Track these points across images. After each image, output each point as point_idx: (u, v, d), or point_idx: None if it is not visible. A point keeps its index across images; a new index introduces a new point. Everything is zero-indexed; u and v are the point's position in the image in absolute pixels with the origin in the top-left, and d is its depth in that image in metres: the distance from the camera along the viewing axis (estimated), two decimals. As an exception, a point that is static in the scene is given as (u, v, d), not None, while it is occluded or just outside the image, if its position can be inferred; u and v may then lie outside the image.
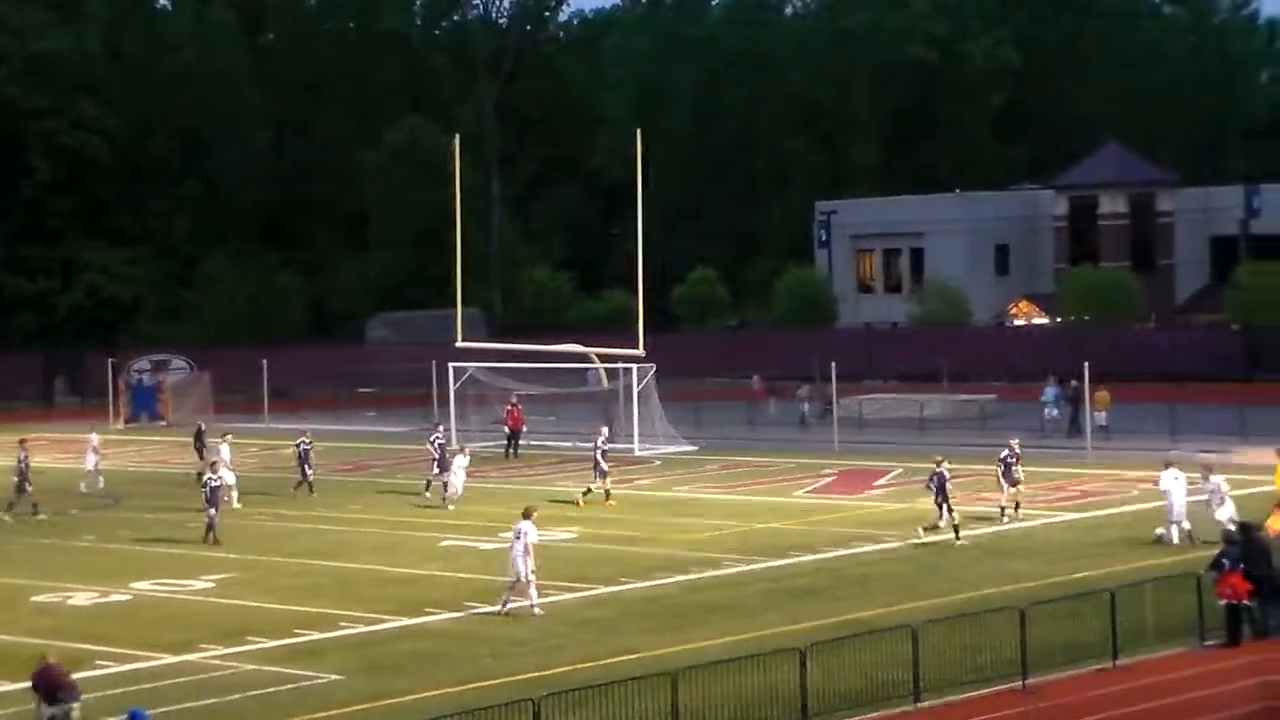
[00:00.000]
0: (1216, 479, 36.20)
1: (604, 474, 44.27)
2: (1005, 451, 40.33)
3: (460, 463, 44.89)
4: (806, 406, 64.25)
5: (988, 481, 46.92)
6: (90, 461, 49.81)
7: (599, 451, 44.63)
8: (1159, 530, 36.50)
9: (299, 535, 40.93)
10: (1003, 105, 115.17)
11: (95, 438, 51.23)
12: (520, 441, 56.17)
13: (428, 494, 46.09)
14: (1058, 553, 35.71)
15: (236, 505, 44.74)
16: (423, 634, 29.62)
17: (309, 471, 47.57)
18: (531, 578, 30.58)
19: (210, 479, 39.91)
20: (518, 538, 30.74)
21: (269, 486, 49.15)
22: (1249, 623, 27.19)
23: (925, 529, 37.23)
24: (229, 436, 50.09)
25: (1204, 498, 36.19)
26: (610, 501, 43.67)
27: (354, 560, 37.09)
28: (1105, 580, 29.74)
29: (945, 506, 37.37)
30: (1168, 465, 37.08)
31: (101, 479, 49.42)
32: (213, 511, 39.38)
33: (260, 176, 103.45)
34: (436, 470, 45.95)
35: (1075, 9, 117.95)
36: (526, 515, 31.20)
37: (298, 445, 48.05)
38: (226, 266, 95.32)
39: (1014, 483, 40.04)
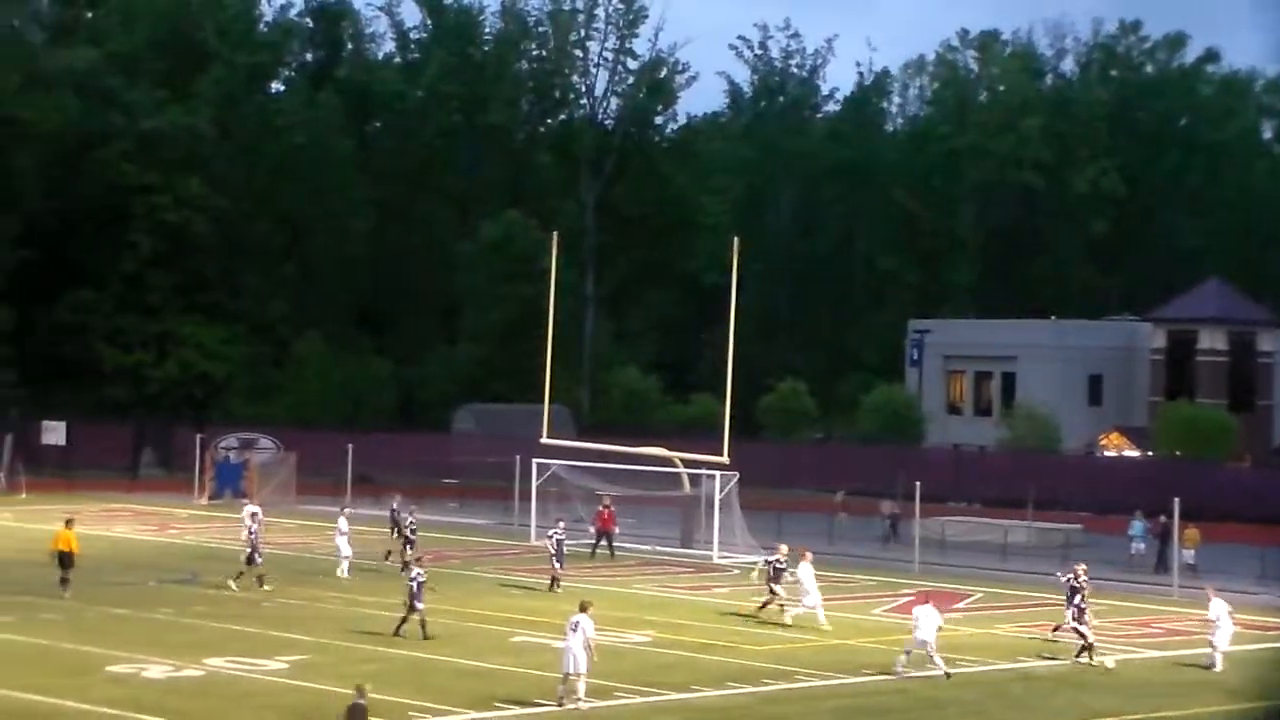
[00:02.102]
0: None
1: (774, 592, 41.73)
2: (1069, 576, 39.81)
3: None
4: (889, 522, 63.95)
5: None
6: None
7: (771, 568, 42.27)
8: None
9: (374, 620, 40.82)
10: (1104, 234, 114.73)
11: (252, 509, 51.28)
12: (614, 543, 55.98)
13: (557, 589, 46.00)
14: (1138, 690, 35.09)
15: (344, 576, 46.48)
16: (491, 729, 29.41)
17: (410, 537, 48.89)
18: (584, 671, 30.43)
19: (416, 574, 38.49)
20: (573, 630, 30.71)
21: (354, 571, 49.06)
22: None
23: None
24: (348, 510, 51.01)
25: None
26: (787, 617, 41.41)
27: (427, 650, 36.92)
28: (1187, 721, 29.19)
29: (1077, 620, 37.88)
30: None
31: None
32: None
33: (357, 262, 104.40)
34: (557, 565, 46.04)
35: (1184, 143, 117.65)
36: (583, 609, 31.31)
37: (398, 514, 49.17)
38: (318, 349, 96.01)
39: (1080, 612, 39.12)
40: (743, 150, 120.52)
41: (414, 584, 37.67)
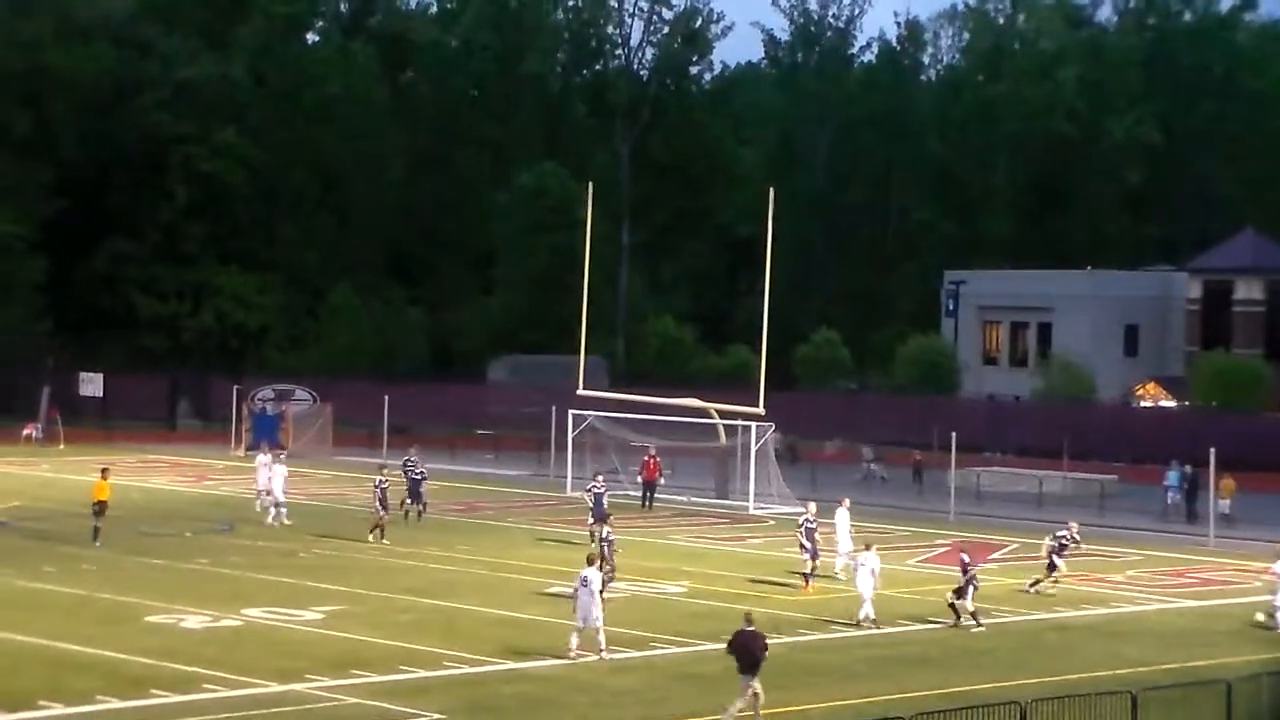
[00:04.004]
0: None
1: (812, 554, 39.92)
2: (1064, 532, 39.91)
3: (280, 470, 48.76)
4: (872, 467, 64.28)
5: (1105, 563, 46.38)
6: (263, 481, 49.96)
7: (803, 530, 40.09)
8: (1259, 615, 36.14)
9: (408, 572, 41.07)
10: (1140, 184, 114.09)
11: (266, 457, 51.68)
12: (655, 493, 56.16)
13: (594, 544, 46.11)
14: (1173, 639, 35.07)
15: (274, 524, 47.44)
16: (526, 678, 29.57)
17: (415, 501, 48.89)
18: (600, 624, 30.59)
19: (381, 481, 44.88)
20: (584, 584, 30.75)
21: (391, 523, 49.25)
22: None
23: None
24: (282, 456, 52.64)
25: None
26: (808, 589, 39.56)
27: (460, 600, 37.13)
28: (1221, 670, 29.12)
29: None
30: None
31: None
32: (383, 513, 44.69)
33: (392, 211, 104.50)
34: (592, 520, 45.87)
35: (1220, 91, 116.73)
36: (591, 563, 31.47)
37: (404, 468, 48.98)
38: (353, 299, 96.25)
39: (1053, 567, 39.71)
40: (778, 100, 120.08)
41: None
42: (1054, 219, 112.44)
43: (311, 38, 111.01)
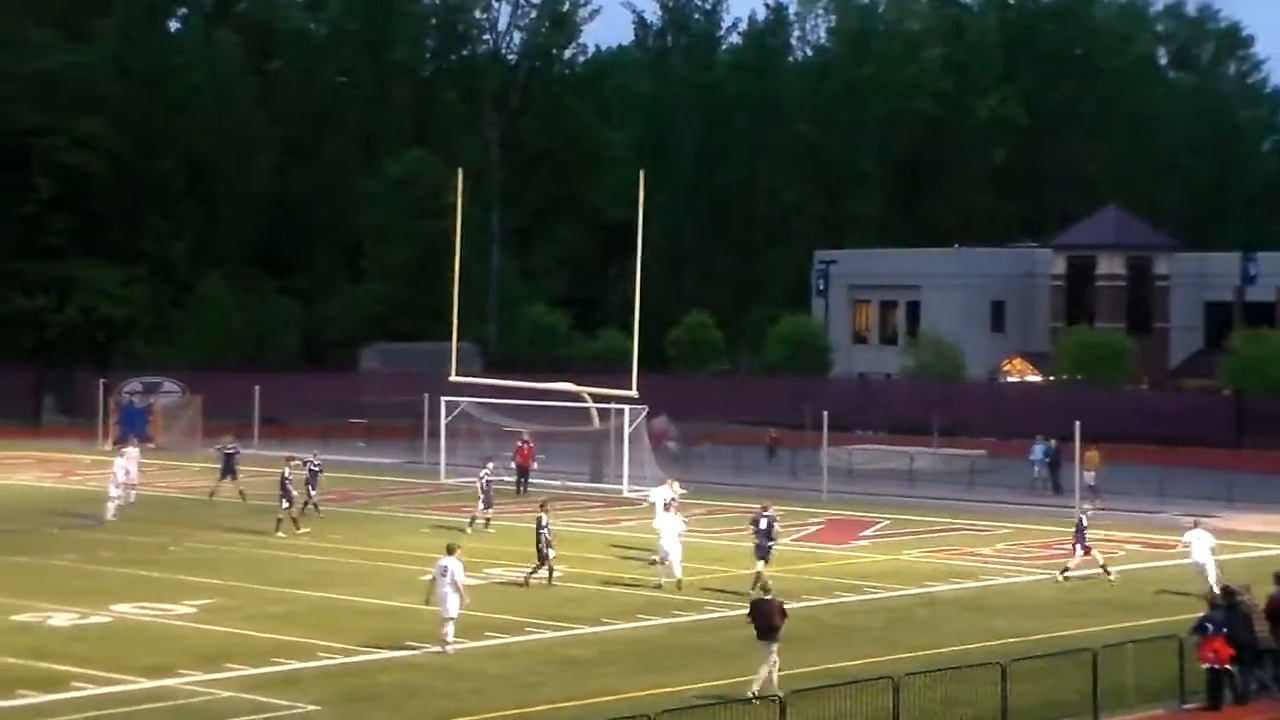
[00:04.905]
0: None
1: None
2: (1080, 517, 40.45)
3: (132, 454, 49.19)
4: (673, 445, 64.65)
5: (974, 537, 47.08)
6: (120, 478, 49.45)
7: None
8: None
9: (281, 563, 40.83)
10: (1005, 162, 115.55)
11: (134, 450, 51.21)
12: (529, 478, 56.21)
13: (469, 529, 46.08)
14: (1040, 610, 35.67)
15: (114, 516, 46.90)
16: (402, 666, 29.52)
17: (314, 493, 48.19)
18: (453, 616, 30.32)
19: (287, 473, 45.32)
20: (442, 574, 30.53)
21: (255, 513, 49.01)
22: (1230, 688, 27.14)
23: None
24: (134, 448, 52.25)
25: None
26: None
27: (335, 590, 37.00)
28: (1087, 639, 29.66)
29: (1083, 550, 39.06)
30: (1195, 524, 38.63)
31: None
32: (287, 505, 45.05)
33: (260, 201, 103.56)
34: (481, 506, 46.27)
35: (1082, 71, 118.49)
36: (450, 551, 31.05)
37: (307, 466, 48.39)
38: (222, 289, 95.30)
39: (1086, 550, 39.83)
40: (648, 84, 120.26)
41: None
42: (921, 198, 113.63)
43: (175, 26, 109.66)
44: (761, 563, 37.25)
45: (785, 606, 28.04)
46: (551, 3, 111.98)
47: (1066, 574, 39.53)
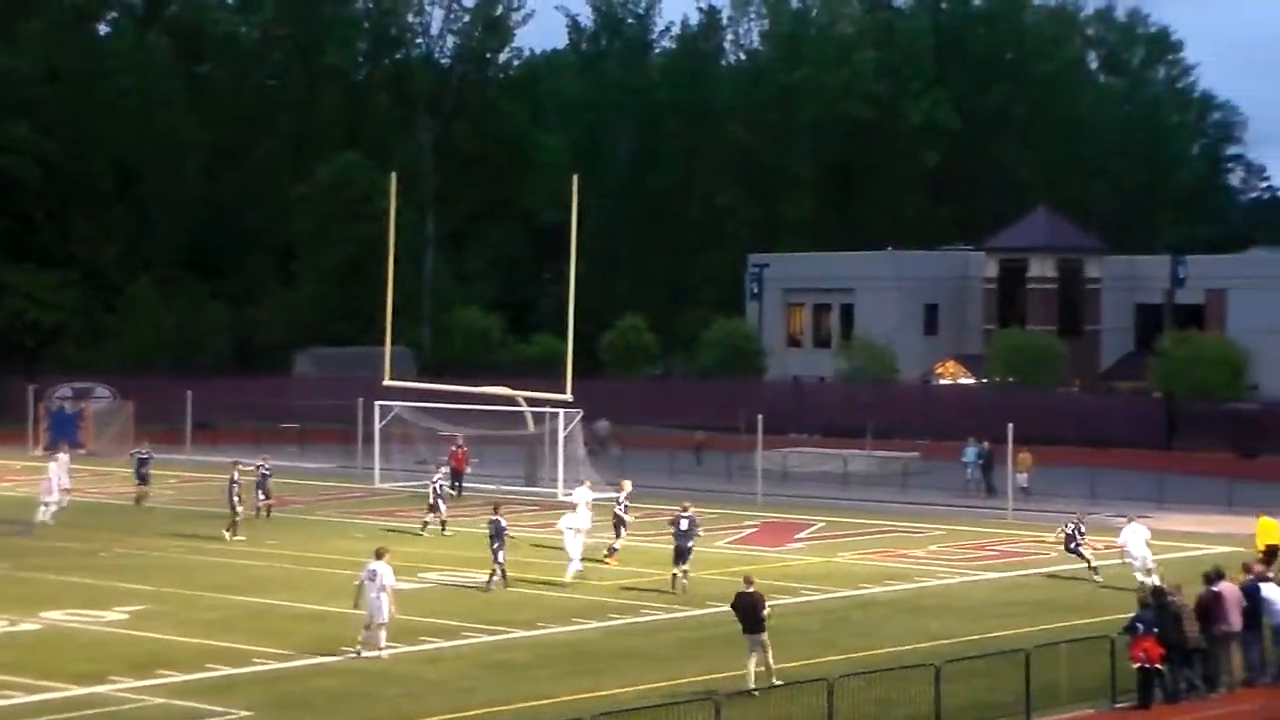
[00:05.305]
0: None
1: (620, 530, 42.24)
2: (1071, 526, 40.40)
3: (63, 460, 48.63)
4: (614, 449, 64.80)
5: (908, 539, 47.27)
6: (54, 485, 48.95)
7: (621, 507, 42.73)
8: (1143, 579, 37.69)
9: (214, 569, 40.58)
10: (938, 166, 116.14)
11: (65, 456, 50.71)
12: (463, 483, 56.08)
13: (424, 533, 46.16)
14: (974, 611, 35.84)
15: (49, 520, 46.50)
16: (335, 671, 29.39)
17: (262, 498, 48.42)
18: (385, 621, 30.19)
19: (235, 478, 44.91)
20: (370, 579, 30.36)
21: (187, 519, 48.71)
22: (1160, 687, 27.36)
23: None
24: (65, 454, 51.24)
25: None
26: (610, 559, 41.53)
27: (268, 595, 36.80)
28: (1020, 640, 29.84)
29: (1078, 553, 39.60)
30: (1129, 520, 39.12)
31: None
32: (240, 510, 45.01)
33: (191, 205, 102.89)
34: (440, 508, 46.59)
35: (1013, 75, 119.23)
36: (379, 556, 30.81)
37: (259, 470, 47.74)
38: (153, 294, 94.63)
39: (1079, 553, 40.07)
40: (581, 88, 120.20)
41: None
42: (855, 202, 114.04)
43: (104, 29, 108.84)
44: (680, 564, 37.25)
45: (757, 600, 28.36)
46: (485, 6, 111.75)
47: (1094, 570, 39.67)
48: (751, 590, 28.64)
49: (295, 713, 26.45)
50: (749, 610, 28.20)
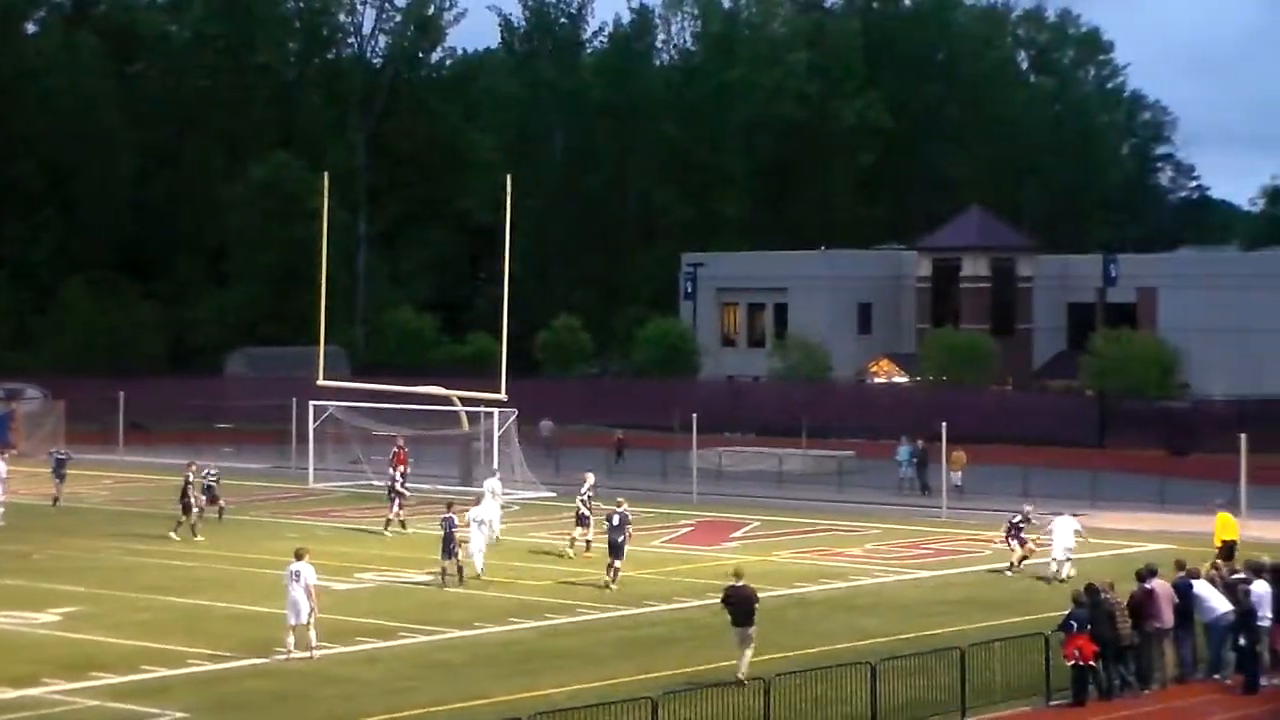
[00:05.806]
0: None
1: (587, 524, 42.45)
2: (1018, 517, 40.71)
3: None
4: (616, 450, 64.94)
5: (844, 538, 47.46)
6: None
7: (583, 501, 42.77)
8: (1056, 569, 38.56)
9: (148, 570, 40.34)
10: (871, 166, 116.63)
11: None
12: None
13: (387, 534, 46.31)
14: (909, 610, 36.01)
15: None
16: (271, 673, 29.27)
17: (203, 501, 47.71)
18: (305, 621, 30.07)
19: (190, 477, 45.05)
20: (294, 579, 30.24)
21: (121, 520, 48.37)
22: (1094, 684, 27.57)
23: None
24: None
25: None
26: (588, 553, 41.85)
27: (202, 596, 36.60)
28: (956, 638, 29.99)
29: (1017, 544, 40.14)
30: (1060, 514, 40.20)
31: None
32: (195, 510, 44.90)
33: (122, 205, 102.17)
34: (396, 509, 47.13)
35: (945, 76, 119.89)
36: (299, 556, 30.66)
37: (204, 476, 47.51)
38: (84, 295, 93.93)
39: (1023, 544, 40.37)
40: (514, 87, 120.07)
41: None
42: (788, 201, 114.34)
43: (32, 28, 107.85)
44: (615, 558, 37.47)
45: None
46: (417, 6, 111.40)
47: (1011, 569, 40.14)
48: (743, 584, 28.79)
49: (231, 714, 26.33)
50: (743, 604, 28.38)
